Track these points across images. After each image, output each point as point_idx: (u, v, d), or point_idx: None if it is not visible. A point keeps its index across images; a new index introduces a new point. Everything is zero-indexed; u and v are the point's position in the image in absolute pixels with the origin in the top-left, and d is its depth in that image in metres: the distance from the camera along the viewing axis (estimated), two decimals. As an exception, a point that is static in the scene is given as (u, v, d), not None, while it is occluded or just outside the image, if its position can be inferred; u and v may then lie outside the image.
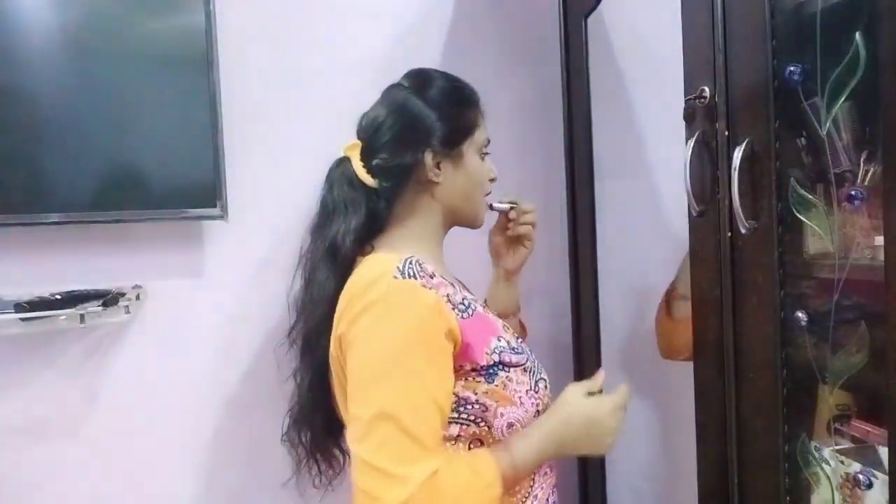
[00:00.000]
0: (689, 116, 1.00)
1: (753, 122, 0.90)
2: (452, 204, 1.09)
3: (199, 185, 1.28)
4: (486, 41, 1.60)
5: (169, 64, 1.25)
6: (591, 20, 1.37)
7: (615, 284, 1.50)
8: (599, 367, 1.44)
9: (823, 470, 0.90)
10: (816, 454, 0.91)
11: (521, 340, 1.08)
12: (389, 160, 1.04)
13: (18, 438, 1.27)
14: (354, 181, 1.07)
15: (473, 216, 1.12)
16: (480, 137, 1.10)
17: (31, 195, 1.19)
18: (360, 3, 1.49)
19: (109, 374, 1.32)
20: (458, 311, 0.96)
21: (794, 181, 0.90)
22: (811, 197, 0.91)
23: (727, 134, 0.93)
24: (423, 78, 1.10)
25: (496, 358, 0.98)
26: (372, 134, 1.06)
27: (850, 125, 0.90)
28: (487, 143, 1.12)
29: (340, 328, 0.96)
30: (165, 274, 1.35)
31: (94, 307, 1.18)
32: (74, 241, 1.28)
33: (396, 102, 1.07)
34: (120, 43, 1.22)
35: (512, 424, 0.98)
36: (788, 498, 0.91)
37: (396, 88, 1.10)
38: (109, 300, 1.19)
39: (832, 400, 0.93)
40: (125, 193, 1.24)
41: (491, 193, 1.15)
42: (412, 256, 0.98)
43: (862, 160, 0.88)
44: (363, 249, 1.05)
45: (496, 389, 0.97)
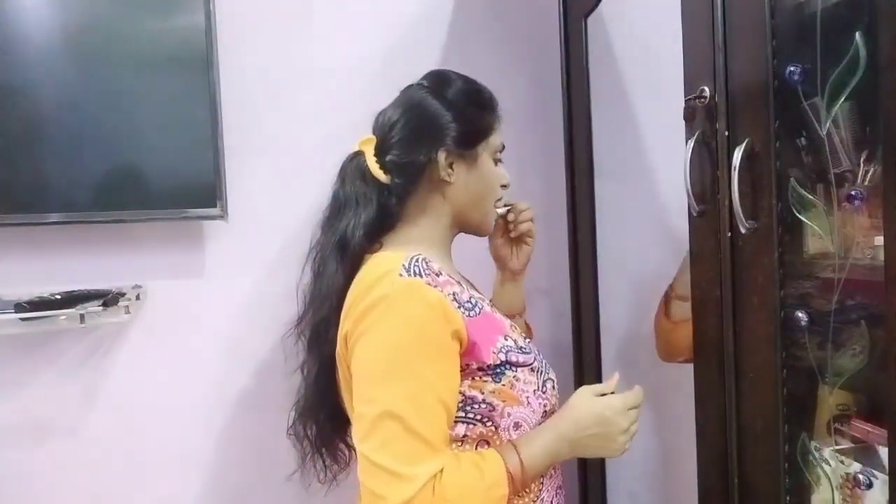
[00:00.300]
0: (689, 116, 0.99)
1: (753, 122, 0.90)
2: (463, 206, 1.08)
3: (199, 185, 1.29)
4: (486, 41, 1.60)
5: (169, 64, 1.26)
6: (590, 20, 1.37)
7: (615, 284, 1.50)
8: (599, 367, 1.44)
9: (823, 470, 0.90)
10: (816, 454, 0.91)
11: (528, 340, 1.08)
12: (403, 157, 1.04)
13: (19, 438, 1.27)
14: (367, 176, 1.06)
15: (481, 221, 1.11)
16: (496, 142, 1.10)
17: (31, 195, 1.20)
18: (360, 2, 1.49)
19: (109, 374, 1.32)
20: (464, 309, 0.96)
21: (793, 181, 0.90)
22: (811, 197, 0.90)
23: (727, 134, 0.93)
24: (442, 78, 1.10)
25: (503, 357, 0.97)
26: (387, 130, 1.06)
27: (850, 125, 0.90)
28: (502, 148, 1.12)
29: (346, 326, 0.96)
30: (165, 274, 1.35)
31: (94, 307, 1.18)
32: (75, 241, 1.28)
33: (413, 101, 1.07)
34: (120, 43, 1.23)
35: (519, 424, 0.98)
36: (788, 498, 0.91)
37: (415, 87, 1.10)
38: (109, 300, 1.20)
39: (832, 400, 0.92)
40: (125, 193, 1.25)
41: (502, 199, 1.15)
42: (419, 254, 0.97)
43: (862, 160, 0.88)
44: (372, 246, 1.05)
45: (503, 389, 0.97)
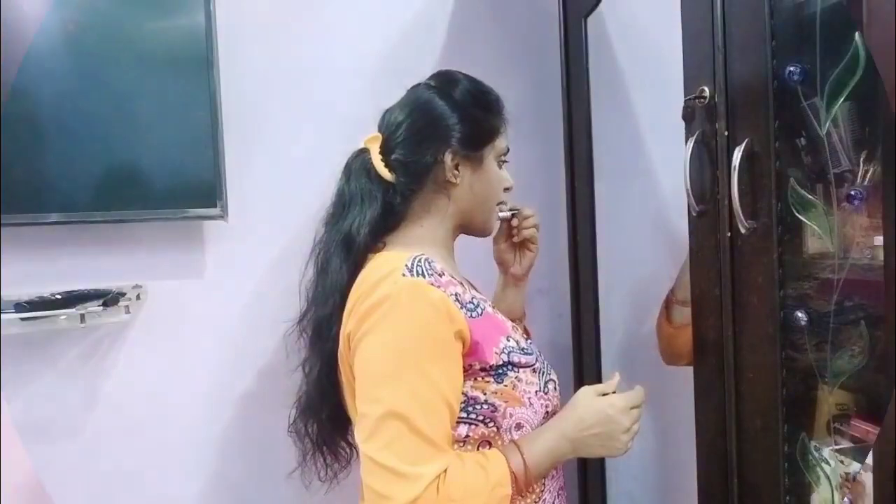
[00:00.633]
0: (688, 116, 1.00)
1: (753, 122, 0.90)
2: (467, 207, 1.09)
3: (199, 185, 1.28)
4: (485, 41, 1.60)
5: (169, 64, 1.26)
6: (590, 20, 1.37)
7: (615, 284, 1.50)
8: (599, 367, 1.44)
9: (823, 470, 0.90)
10: (816, 454, 0.91)
11: (529, 341, 1.08)
12: (409, 157, 1.04)
13: (19, 437, 1.27)
14: (372, 173, 1.06)
15: (484, 223, 1.12)
16: (501, 145, 1.10)
17: (31, 195, 1.19)
18: (360, 2, 1.49)
19: (110, 373, 1.32)
20: (466, 310, 0.96)
21: (793, 181, 0.90)
22: (811, 197, 0.90)
23: (727, 134, 0.93)
24: (450, 79, 1.10)
25: (506, 358, 0.98)
26: (394, 129, 1.06)
27: (849, 125, 0.90)
28: (507, 151, 1.12)
29: (349, 326, 0.96)
30: (165, 274, 1.35)
31: (94, 307, 1.18)
32: (75, 240, 1.28)
33: (421, 100, 1.07)
34: (120, 43, 1.23)
35: (521, 425, 0.98)
36: (788, 498, 0.91)
37: (423, 87, 1.10)
38: (110, 300, 1.19)
39: (832, 399, 0.93)
40: (125, 193, 1.24)
41: (506, 202, 1.15)
42: (422, 254, 0.97)
43: (861, 160, 0.88)
44: (376, 245, 1.05)
45: (505, 390, 0.97)
